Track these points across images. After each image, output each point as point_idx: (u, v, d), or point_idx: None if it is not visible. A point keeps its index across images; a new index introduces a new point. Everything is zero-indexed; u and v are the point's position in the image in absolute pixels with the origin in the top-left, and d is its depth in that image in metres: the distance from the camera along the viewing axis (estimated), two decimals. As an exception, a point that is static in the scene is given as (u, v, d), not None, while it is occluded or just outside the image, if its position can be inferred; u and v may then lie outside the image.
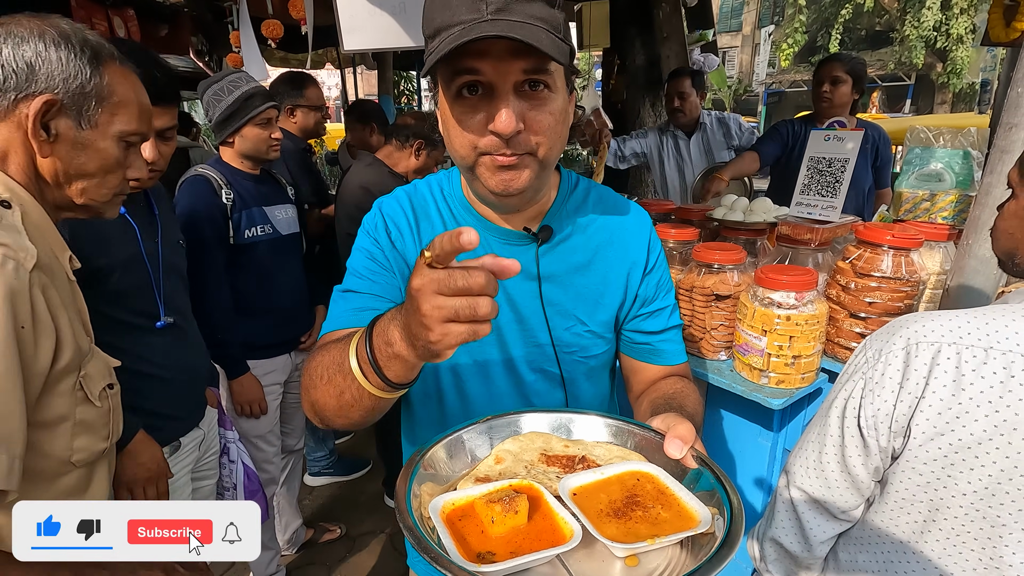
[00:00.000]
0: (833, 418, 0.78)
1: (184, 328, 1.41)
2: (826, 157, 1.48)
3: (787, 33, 18.10)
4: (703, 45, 4.45)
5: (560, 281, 0.85)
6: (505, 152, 0.69)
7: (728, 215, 1.75)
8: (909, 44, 15.71)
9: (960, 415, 0.65)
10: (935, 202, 1.49)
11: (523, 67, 0.66)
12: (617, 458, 0.68)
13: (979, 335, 0.65)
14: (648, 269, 0.90)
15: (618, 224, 0.89)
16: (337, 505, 2.67)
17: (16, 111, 0.80)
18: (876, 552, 0.78)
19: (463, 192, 0.86)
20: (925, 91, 17.83)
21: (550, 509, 0.58)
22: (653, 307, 0.91)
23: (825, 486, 0.79)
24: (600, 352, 0.89)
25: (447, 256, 0.48)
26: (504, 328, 0.85)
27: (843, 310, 1.41)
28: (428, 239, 0.82)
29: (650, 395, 0.88)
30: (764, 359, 1.37)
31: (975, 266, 1.22)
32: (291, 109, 2.48)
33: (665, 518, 0.57)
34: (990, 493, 0.65)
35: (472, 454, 0.69)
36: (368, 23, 1.76)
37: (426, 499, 0.59)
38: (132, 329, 1.27)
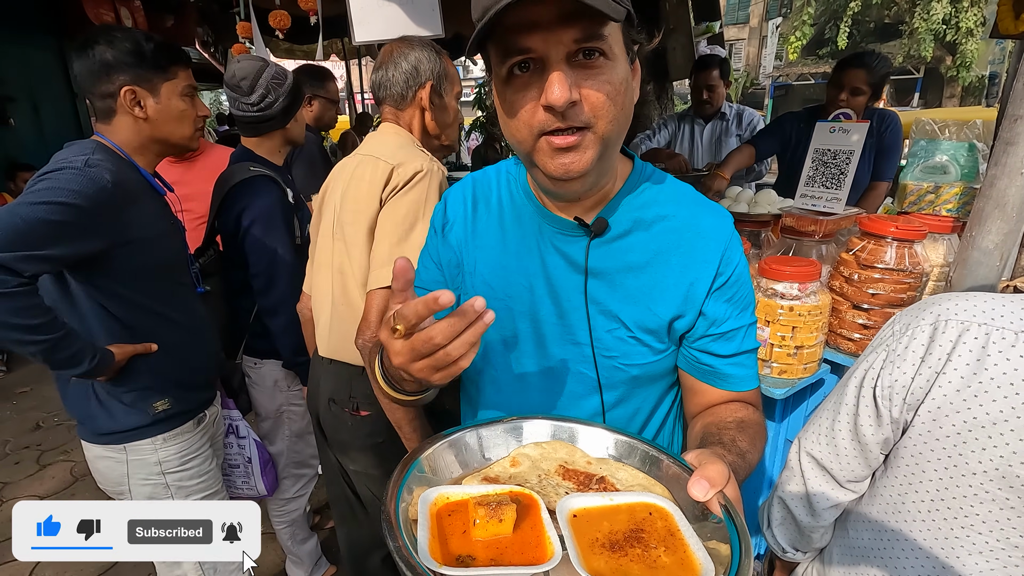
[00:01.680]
0: (851, 387, 0.78)
1: (212, 301, 1.55)
2: (831, 149, 1.48)
3: (795, 26, 17.91)
4: (709, 37, 4.42)
5: (609, 279, 0.78)
6: (561, 127, 0.64)
7: (733, 207, 1.76)
8: (918, 37, 15.52)
9: (979, 393, 0.65)
10: (939, 194, 1.49)
11: (574, 36, 0.61)
12: (639, 486, 0.62)
13: (1012, 318, 0.65)
14: (719, 284, 0.78)
15: (692, 226, 0.79)
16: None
17: (416, 97, 1.34)
18: (882, 532, 0.79)
19: (526, 178, 0.83)
20: (934, 85, 17.65)
21: (540, 523, 0.54)
22: (725, 328, 0.79)
23: (834, 454, 0.81)
24: (645, 362, 0.80)
25: (415, 327, 0.55)
26: (544, 322, 0.81)
27: (846, 301, 1.42)
28: (483, 223, 0.85)
29: (705, 419, 0.79)
30: (767, 349, 1.39)
31: (978, 257, 1.22)
32: (310, 99, 2.59)
33: (664, 563, 0.51)
34: (1000, 475, 0.65)
35: (485, 453, 0.66)
36: (378, 14, 1.77)
37: (416, 497, 0.56)
38: (183, 290, 1.43)
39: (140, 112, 1.30)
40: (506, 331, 0.83)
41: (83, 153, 1.21)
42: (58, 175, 1.15)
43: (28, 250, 1.11)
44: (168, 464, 1.39)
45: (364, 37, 1.79)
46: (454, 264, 0.87)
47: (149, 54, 1.28)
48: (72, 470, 2.87)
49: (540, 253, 0.81)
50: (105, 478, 1.38)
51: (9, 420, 3.38)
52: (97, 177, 1.19)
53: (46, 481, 2.79)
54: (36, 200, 1.12)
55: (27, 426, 3.30)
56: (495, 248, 0.84)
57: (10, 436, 3.20)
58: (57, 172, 1.15)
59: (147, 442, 1.36)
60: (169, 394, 1.39)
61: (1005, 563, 0.68)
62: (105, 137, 1.30)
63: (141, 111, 1.30)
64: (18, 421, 3.36)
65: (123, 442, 1.34)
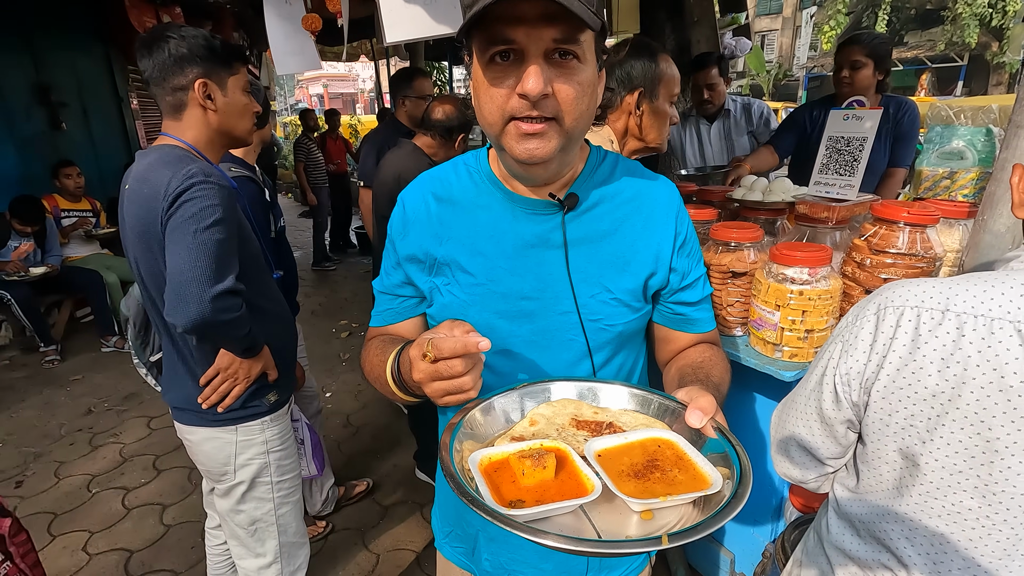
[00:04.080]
0: (816, 375, 0.85)
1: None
2: (844, 136, 1.49)
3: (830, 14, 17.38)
4: (735, 28, 4.38)
5: (586, 248, 0.86)
6: (531, 115, 0.71)
7: (747, 195, 1.78)
8: (962, 23, 14.92)
9: (916, 371, 0.70)
10: (955, 180, 1.49)
11: (554, 35, 0.68)
12: (642, 425, 0.71)
13: (939, 299, 0.70)
14: (680, 242, 0.90)
15: (646, 195, 0.90)
16: (371, 476, 2.81)
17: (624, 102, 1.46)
18: (864, 504, 0.83)
19: (490, 166, 0.89)
20: (979, 72, 16.90)
21: (575, 467, 0.63)
22: (690, 279, 0.92)
23: (810, 434, 0.87)
24: (626, 321, 0.89)
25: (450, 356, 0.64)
26: (529, 298, 0.86)
27: (858, 286, 1.43)
28: (449, 217, 0.90)
29: (679, 362, 0.91)
30: (777, 333, 1.42)
31: (990, 241, 1.22)
32: (402, 100, 2.82)
33: (681, 480, 0.61)
34: (945, 443, 0.70)
35: (507, 417, 0.74)
36: (405, 15, 1.85)
37: (466, 453, 0.65)
38: (268, 277, 1.54)
39: (211, 105, 1.36)
40: (491, 313, 0.87)
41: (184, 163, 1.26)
42: (200, 193, 1.22)
43: (230, 271, 1.26)
44: (272, 443, 1.50)
45: (395, 38, 1.88)
46: (417, 260, 0.91)
47: (219, 49, 1.35)
48: (121, 451, 3.06)
49: (515, 234, 0.86)
50: (210, 459, 1.46)
51: (64, 405, 3.60)
52: (222, 183, 1.28)
53: (98, 461, 2.98)
54: (202, 226, 1.21)
55: (80, 411, 3.52)
56: (468, 237, 0.88)
57: (65, 420, 3.42)
58: (195, 189, 1.22)
59: (256, 423, 1.46)
60: (278, 382, 1.50)
61: (962, 527, 0.72)
62: (175, 136, 1.36)
63: (212, 104, 1.36)
64: (72, 406, 3.58)
65: (236, 423, 1.44)
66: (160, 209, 1.22)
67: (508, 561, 0.99)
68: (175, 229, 1.21)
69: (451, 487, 0.58)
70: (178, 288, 1.20)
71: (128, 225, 1.30)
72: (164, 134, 1.37)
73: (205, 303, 1.20)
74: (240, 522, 1.52)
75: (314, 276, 6.39)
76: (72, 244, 4.58)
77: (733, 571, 1.90)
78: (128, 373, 3.99)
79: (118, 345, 4.41)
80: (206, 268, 1.20)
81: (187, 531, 2.44)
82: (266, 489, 1.51)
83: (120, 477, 2.84)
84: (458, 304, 0.88)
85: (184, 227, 1.20)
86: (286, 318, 1.57)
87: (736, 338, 1.58)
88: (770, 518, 1.73)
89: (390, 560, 2.28)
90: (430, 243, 0.90)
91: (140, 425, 3.32)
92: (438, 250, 0.89)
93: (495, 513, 0.54)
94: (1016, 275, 0.68)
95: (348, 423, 3.31)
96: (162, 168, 1.25)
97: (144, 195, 1.24)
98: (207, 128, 1.38)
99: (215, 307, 1.22)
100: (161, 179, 1.23)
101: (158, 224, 1.23)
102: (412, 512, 2.54)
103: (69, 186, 4.55)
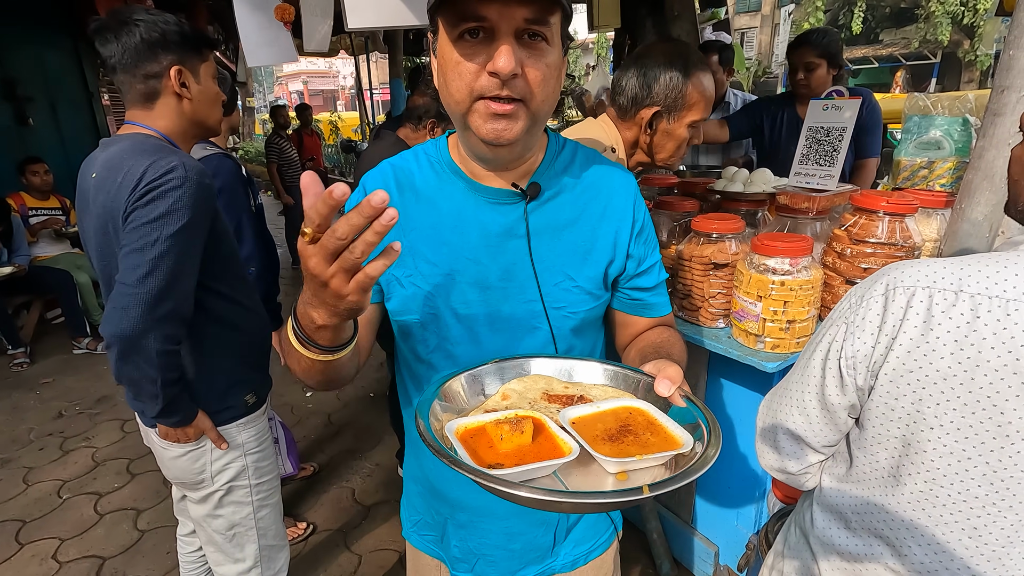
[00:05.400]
0: (817, 359, 0.82)
1: None
2: (824, 126, 1.49)
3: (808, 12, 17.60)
4: (715, 24, 4.40)
5: (548, 237, 0.86)
6: (500, 94, 0.71)
7: (728, 186, 1.78)
8: (935, 20, 15.21)
9: (928, 353, 0.68)
10: (933, 169, 1.50)
11: (526, 15, 0.68)
12: (612, 397, 0.73)
13: (952, 280, 0.68)
14: (638, 230, 0.92)
15: (605, 183, 0.91)
16: (353, 476, 2.77)
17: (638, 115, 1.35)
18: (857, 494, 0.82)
19: (450, 155, 0.88)
20: (952, 69, 17.26)
21: (552, 432, 0.65)
22: (646, 264, 0.94)
23: (806, 422, 0.84)
24: (588, 308, 0.90)
25: (325, 222, 0.51)
26: (493, 288, 0.86)
27: (839, 276, 1.44)
28: (412, 207, 0.87)
29: (638, 343, 0.93)
30: (759, 324, 1.41)
31: (968, 229, 1.23)
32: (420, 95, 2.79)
33: (653, 443, 0.64)
34: (955, 427, 0.68)
35: (483, 392, 0.75)
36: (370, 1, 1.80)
37: (445, 420, 0.66)
38: (243, 273, 1.47)
39: (187, 93, 1.28)
40: (456, 303, 0.86)
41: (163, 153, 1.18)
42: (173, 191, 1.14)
43: (184, 287, 1.18)
44: (249, 445, 1.44)
45: (357, 24, 1.83)
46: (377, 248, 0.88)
47: (190, 35, 1.27)
48: (93, 456, 2.97)
49: (479, 223, 0.86)
50: (185, 470, 1.38)
51: (33, 409, 3.49)
52: (204, 180, 1.20)
53: (69, 466, 2.89)
54: (165, 232, 1.12)
55: (50, 414, 3.41)
56: (430, 227, 0.87)
57: (34, 424, 3.31)
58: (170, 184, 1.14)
59: (233, 426, 1.40)
60: (254, 382, 1.45)
61: (967, 515, 0.71)
62: (144, 125, 1.28)
63: (187, 92, 1.28)
64: (42, 410, 3.47)
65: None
66: (127, 198, 1.14)
67: (478, 546, 1.00)
68: (137, 228, 1.13)
69: (431, 451, 0.57)
70: (121, 298, 1.12)
71: (93, 214, 1.22)
72: (131, 123, 1.29)
73: (146, 321, 1.12)
74: (218, 528, 1.47)
75: (293, 275, 6.29)
76: (41, 243, 4.44)
77: (717, 563, 1.90)
78: (101, 375, 3.88)
79: (90, 347, 4.29)
80: (158, 283, 1.12)
81: (162, 536, 2.37)
82: (244, 493, 1.46)
83: (92, 482, 2.76)
84: (422, 295, 0.86)
85: (146, 230, 1.12)
86: (261, 315, 1.52)
87: (718, 330, 1.58)
88: (753, 510, 1.73)
89: (373, 560, 2.24)
90: (392, 232, 0.86)
91: (113, 428, 3.23)
92: (401, 239, 0.86)
93: (476, 471, 0.54)
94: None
95: (330, 422, 3.26)
96: (138, 156, 1.16)
97: (116, 184, 1.15)
98: (180, 117, 1.31)
99: (155, 332, 1.14)
100: (137, 167, 1.14)
101: (121, 212, 1.15)
102: (395, 511, 2.50)
103: (36, 183, 4.40)
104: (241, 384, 1.41)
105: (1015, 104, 1.13)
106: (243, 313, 1.41)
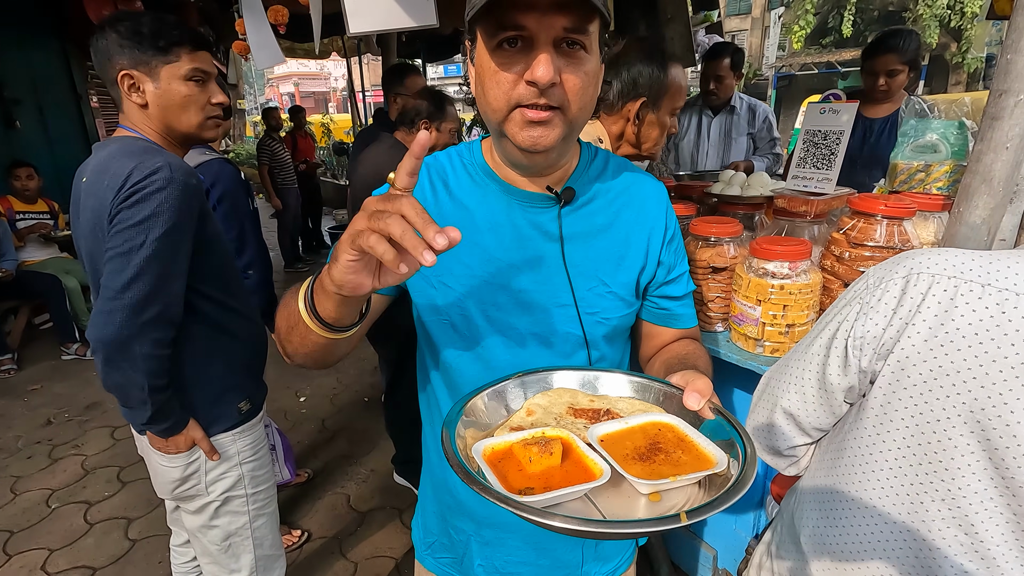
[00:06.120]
0: (824, 338, 0.80)
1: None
2: (821, 130, 1.49)
3: (798, 15, 17.75)
4: (708, 26, 4.41)
5: (582, 242, 0.86)
6: (538, 103, 0.70)
7: (726, 190, 1.78)
8: (922, 24, 15.38)
9: (945, 343, 0.67)
10: (930, 173, 1.50)
11: (565, 24, 0.67)
12: (639, 411, 0.71)
13: (980, 272, 0.67)
14: (669, 237, 0.92)
15: (637, 190, 0.91)
16: (348, 482, 2.74)
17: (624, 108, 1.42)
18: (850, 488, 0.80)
19: (484, 158, 0.88)
20: (939, 72, 17.47)
21: (581, 453, 0.62)
22: (675, 273, 0.94)
23: (802, 401, 0.84)
24: (621, 315, 0.90)
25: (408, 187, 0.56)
26: (526, 291, 0.85)
27: (837, 280, 1.43)
28: (446, 207, 0.86)
29: (663, 356, 0.92)
30: (759, 328, 1.40)
31: (966, 232, 1.23)
32: (395, 97, 2.78)
33: (685, 461, 0.61)
34: (963, 421, 0.67)
35: (506, 407, 0.73)
36: (371, 5, 1.79)
37: (470, 442, 0.63)
38: (239, 278, 1.44)
39: (139, 98, 1.24)
40: (488, 306, 0.85)
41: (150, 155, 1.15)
42: (159, 193, 1.12)
43: (172, 290, 1.15)
44: (244, 455, 1.42)
45: (358, 28, 1.82)
46: None
47: (148, 35, 1.21)
48: (83, 463, 2.93)
49: (513, 227, 0.85)
50: (175, 480, 1.35)
51: (21, 416, 3.44)
52: (191, 181, 1.18)
53: (58, 474, 2.85)
54: (152, 236, 1.10)
55: (38, 422, 3.36)
56: (465, 229, 0.84)
57: (22, 431, 3.26)
58: (156, 185, 1.12)
59: (228, 435, 1.38)
60: (248, 389, 1.43)
61: (966, 512, 0.70)
62: (130, 128, 1.26)
63: (140, 96, 1.23)
64: (30, 417, 3.42)
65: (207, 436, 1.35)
66: (112, 200, 1.11)
67: (504, 564, 0.97)
68: (121, 231, 1.11)
69: (460, 477, 0.55)
70: (106, 303, 1.10)
71: (83, 219, 1.20)
72: (121, 126, 1.29)
73: (131, 326, 1.10)
74: (213, 539, 1.45)
75: (287, 278, 6.25)
76: (29, 247, 4.38)
77: (716, 567, 1.89)
78: (90, 381, 3.83)
79: (79, 352, 4.24)
80: (143, 287, 1.10)
81: (154, 545, 2.34)
82: (241, 503, 1.44)
83: (82, 491, 2.72)
84: (453, 296, 0.85)
85: (131, 233, 1.10)
86: (256, 320, 1.49)
87: (717, 334, 1.57)
88: (752, 514, 1.72)
89: (368, 568, 2.22)
90: None
91: (103, 436, 3.19)
92: None
93: (511, 500, 0.52)
94: None
95: (324, 427, 3.24)
96: (125, 158, 1.15)
97: (103, 186, 1.14)
98: (150, 122, 1.27)
99: (140, 337, 1.12)
100: (122, 169, 1.13)
101: (106, 214, 1.13)
102: (391, 518, 2.48)
103: (23, 187, 4.34)
104: (234, 391, 1.39)
105: (1013, 108, 1.13)
106: (236, 318, 1.39)
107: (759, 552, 1.03)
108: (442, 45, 5.47)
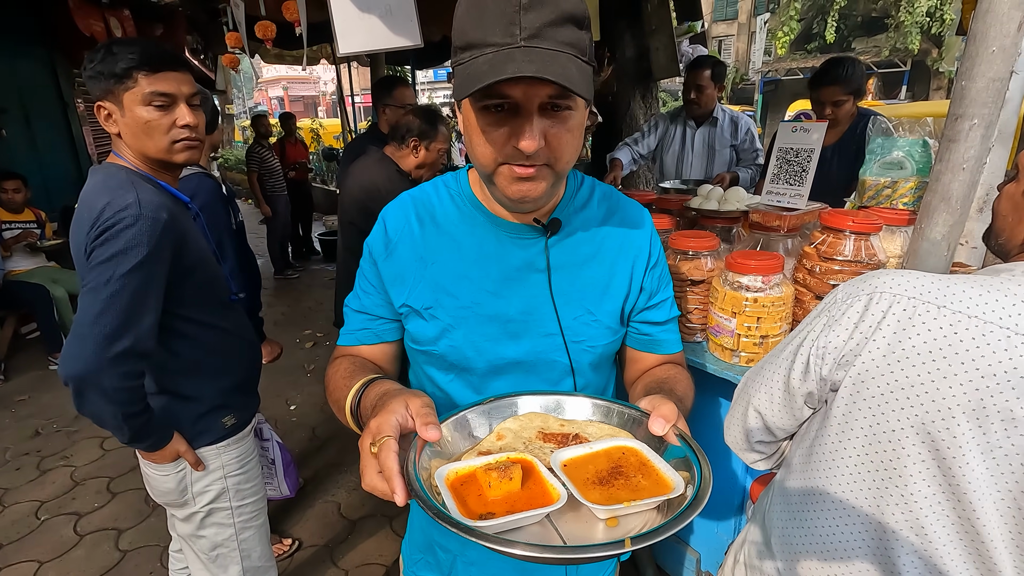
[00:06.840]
0: (793, 345, 0.86)
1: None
2: (793, 148, 1.55)
3: (782, 21, 17.99)
4: (692, 36, 4.50)
5: (568, 272, 0.88)
6: (525, 163, 0.73)
7: (704, 204, 1.83)
8: (904, 30, 15.66)
9: (901, 359, 0.72)
10: (896, 189, 1.57)
11: (549, 93, 0.69)
12: (607, 435, 0.73)
13: (937, 294, 0.72)
14: (652, 263, 0.93)
15: (621, 219, 0.93)
16: (338, 491, 2.76)
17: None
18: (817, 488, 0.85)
19: (471, 190, 0.89)
20: (921, 77, 17.79)
21: (541, 477, 0.64)
22: (657, 299, 0.95)
23: (769, 401, 0.90)
24: (606, 343, 0.91)
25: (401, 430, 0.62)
26: (513, 321, 0.87)
27: (809, 292, 1.49)
28: (433, 239, 0.88)
29: (644, 379, 0.93)
30: (734, 339, 1.46)
31: (927, 248, 1.29)
32: (383, 109, 2.82)
33: (644, 486, 0.63)
34: (915, 432, 0.73)
35: (474, 432, 0.74)
36: (359, 26, 1.83)
37: (433, 470, 0.64)
38: (225, 298, 1.45)
39: (113, 127, 1.24)
40: (476, 336, 0.87)
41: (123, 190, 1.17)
42: (126, 231, 1.13)
43: (143, 323, 1.16)
44: (229, 468, 1.44)
45: (348, 49, 1.86)
46: (401, 281, 0.90)
47: (105, 62, 1.18)
48: (72, 475, 2.92)
49: (500, 258, 0.87)
50: (166, 489, 1.39)
51: (8, 428, 3.42)
52: (159, 215, 1.18)
53: (47, 486, 2.84)
54: (119, 272, 1.12)
55: (27, 433, 3.35)
56: (451, 260, 0.88)
57: (10, 443, 3.25)
58: (124, 223, 1.13)
59: (212, 448, 1.40)
60: (234, 405, 1.45)
61: (918, 515, 0.75)
62: (120, 155, 1.29)
63: (114, 125, 1.24)
64: (17, 428, 3.41)
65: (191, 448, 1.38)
66: (87, 235, 1.15)
67: None
68: (94, 267, 1.13)
69: (418, 504, 0.57)
70: (76, 339, 1.12)
71: (73, 245, 1.24)
72: (112, 153, 1.32)
73: (100, 361, 1.11)
74: (201, 547, 1.48)
75: (276, 285, 6.24)
76: (15, 257, 4.35)
77: (699, 570, 1.94)
78: (79, 391, 3.81)
79: (67, 362, 4.21)
80: (112, 322, 1.12)
81: (145, 556, 2.35)
82: (226, 515, 1.47)
83: (71, 502, 2.72)
84: (442, 327, 0.87)
85: (101, 269, 1.12)
86: (248, 339, 1.52)
87: (696, 344, 1.62)
88: (733, 518, 1.78)
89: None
90: (415, 265, 0.89)
91: (92, 446, 3.18)
92: (423, 272, 0.88)
93: (462, 525, 0.54)
94: (1010, 285, 0.71)
95: (314, 436, 3.25)
96: (102, 193, 1.17)
97: (83, 219, 1.18)
98: (130, 150, 1.28)
99: (109, 371, 1.13)
100: (98, 203, 1.15)
101: (83, 248, 1.16)
102: (381, 526, 2.51)
103: (10, 199, 4.31)
104: (219, 408, 1.42)
105: (968, 131, 1.19)
106: (220, 336, 1.41)
107: (733, 551, 1.08)
108: (431, 51, 5.52)
